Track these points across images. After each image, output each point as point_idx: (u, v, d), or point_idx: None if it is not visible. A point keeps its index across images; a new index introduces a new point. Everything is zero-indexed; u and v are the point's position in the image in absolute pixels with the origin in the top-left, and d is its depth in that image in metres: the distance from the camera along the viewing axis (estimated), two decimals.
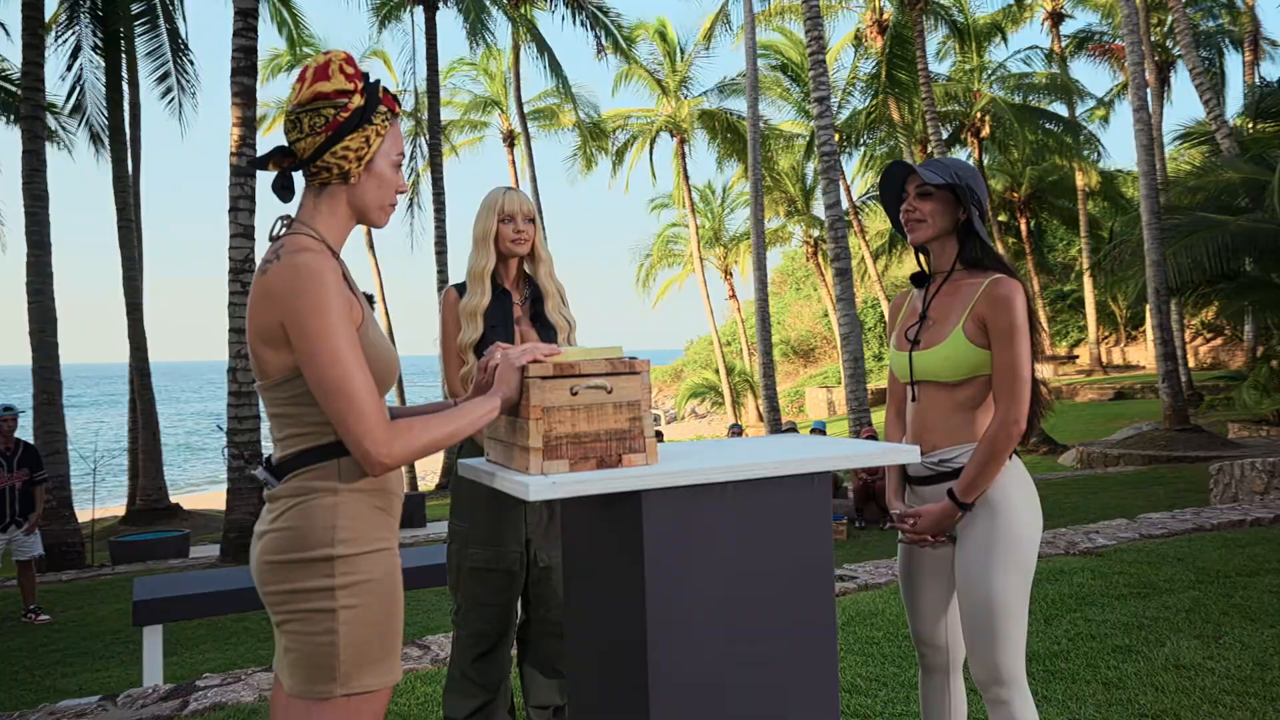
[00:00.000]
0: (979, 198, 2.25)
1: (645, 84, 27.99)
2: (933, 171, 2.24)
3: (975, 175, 2.27)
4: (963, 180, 2.23)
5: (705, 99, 27.88)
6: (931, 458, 2.31)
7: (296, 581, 1.64)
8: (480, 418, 1.79)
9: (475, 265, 3.02)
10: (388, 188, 1.80)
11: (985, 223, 2.31)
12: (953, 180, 2.21)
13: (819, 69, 14.93)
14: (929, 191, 2.26)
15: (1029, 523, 2.24)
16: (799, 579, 1.98)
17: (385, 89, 1.80)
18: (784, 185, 30.23)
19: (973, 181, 2.25)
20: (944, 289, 2.32)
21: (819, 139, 15.08)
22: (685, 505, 1.87)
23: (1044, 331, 2.63)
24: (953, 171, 2.24)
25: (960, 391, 2.26)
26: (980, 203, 2.26)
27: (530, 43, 20.73)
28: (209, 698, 3.87)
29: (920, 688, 2.55)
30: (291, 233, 1.73)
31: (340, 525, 1.65)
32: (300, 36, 19.69)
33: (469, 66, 25.94)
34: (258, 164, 1.76)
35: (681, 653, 1.87)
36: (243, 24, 9.24)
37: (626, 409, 1.90)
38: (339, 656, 1.63)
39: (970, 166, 2.28)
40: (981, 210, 2.27)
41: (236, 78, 9.22)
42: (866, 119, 24.67)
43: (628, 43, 24.46)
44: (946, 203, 2.27)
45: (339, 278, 1.67)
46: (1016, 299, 2.17)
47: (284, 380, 1.67)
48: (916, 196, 2.28)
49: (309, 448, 1.68)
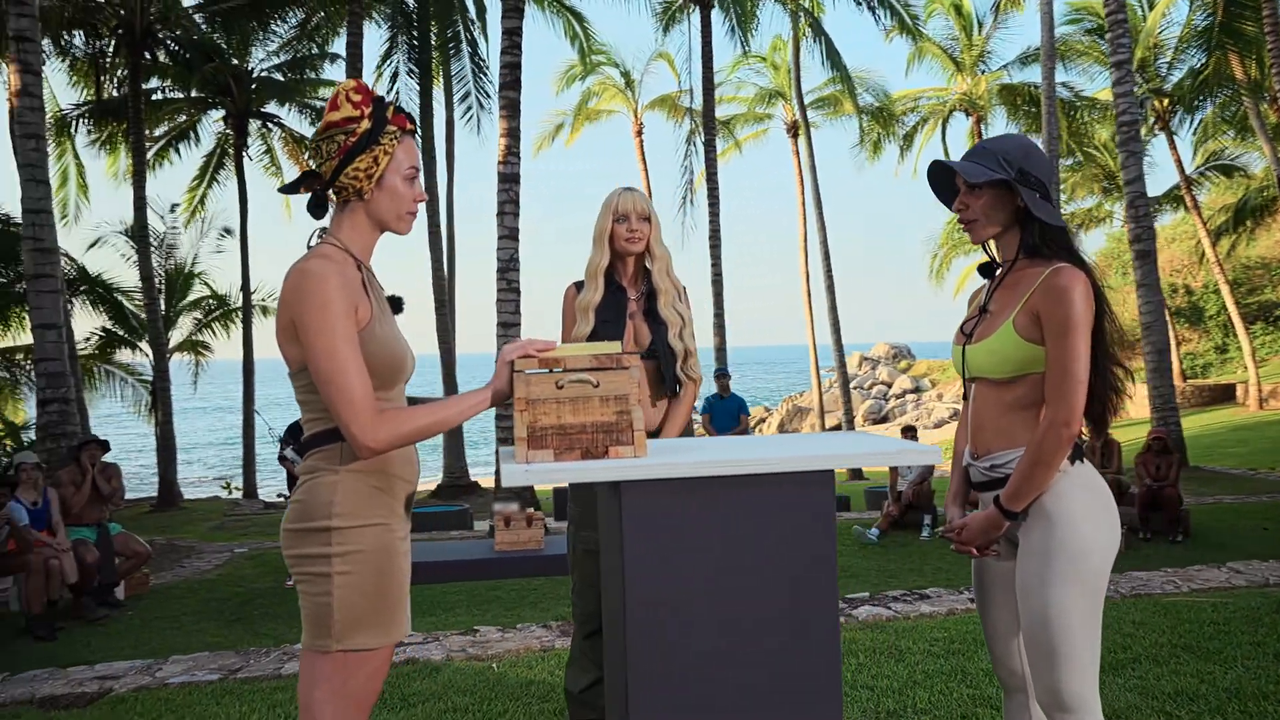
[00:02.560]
0: (1034, 178, 2.04)
1: (939, 62, 26.66)
2: (976, 164, 2.06)
3: (1028, 153, 2.05)
4: (1012, 167, 2.03)
5: (1005, 72, 26.03)
6: (984, 462, 2.14)
7: (302, 548, 1.88)
8: (469, 408, 1.94)
9: (591, 263, 3.17)
10: (401, 200, 1.99)
11: (1051, 201, 2.08)
12: (998, 170, 2.02)
13: (1118, 29, 13.51)
14: (979, 186, 2.08)
15: (1092, 535, 2.01)
16: (798, 578, 1.93)
17: (398, 109, 2.00)
18: (1101, 160, 27.46)
19: (1025, 163, 2.03)
20: (1007, 280, 2.13)
21: (1117, 107, 13.67)
22: (670, 499, 1.90)
23: (1115, 323, 2.23)
24: (999, 159, 2.04)
25: (1011, 390, 2.06)
26: (1038, 182, 2.04)
27: (809, 32, 20.53)
28: (406, 652, 4.36)
29: (1004, 710, 2.36)
30: (320, 243, 1.98)
31: (337, 501, 1.87)
32: (590, 47, 20.94)
33: (756, 60, 26.14)
34: (290, 188, 2.02)
35: (662, 645, 1.89)
36: (509, 42, 10.08)
37: (614, 403, 1.96)
38: (334, 616, 1.85)
39: (1022, 143, 2.07)
40: (1043, 190, 2.05)
41: (504, 92, 10.08)
42: (1196, 79, 21.77)
43: (915, 20, 23.48)
44: (999, 194, 2.07)
45: (347, 281, 1.88)
46: (1075, 290, 1.94)
47: (299, 370, 1.91)
48: (967, 192, 2.10)
49: (319, 431, 1.91)
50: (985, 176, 2.01)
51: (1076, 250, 2.04)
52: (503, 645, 4.39)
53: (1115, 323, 2.05)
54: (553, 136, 25.98)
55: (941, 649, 3.93)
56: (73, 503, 7.15)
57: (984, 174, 2.02)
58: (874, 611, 4.65)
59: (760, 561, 1.92)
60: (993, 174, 2.01)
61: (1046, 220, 2.01)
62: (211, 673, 4.21)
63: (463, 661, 4.17)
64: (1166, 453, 9.63)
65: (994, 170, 2.01)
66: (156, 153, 19.64)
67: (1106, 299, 2.02)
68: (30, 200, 9.21)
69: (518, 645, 4.37)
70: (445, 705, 3.59)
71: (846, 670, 3.74)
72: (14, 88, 9.32)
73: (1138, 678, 3.50)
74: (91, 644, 6.24)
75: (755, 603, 1.91)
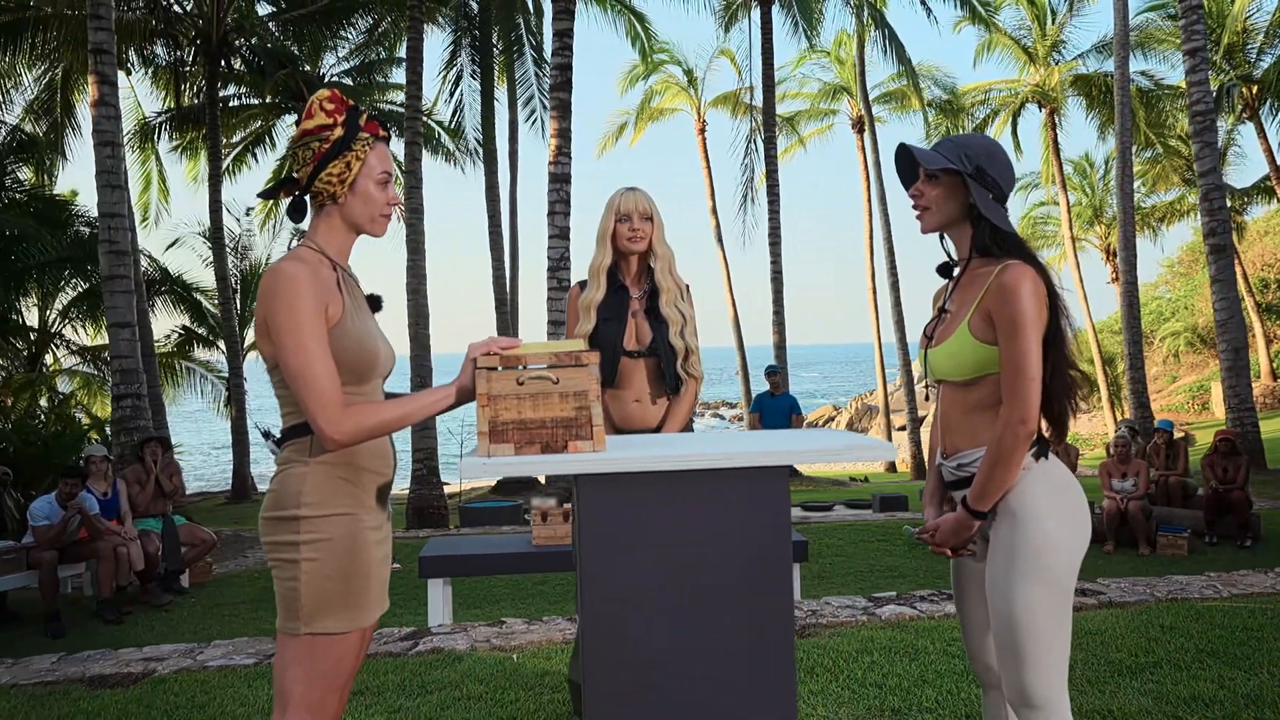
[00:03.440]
0: (990, 178, 2.03)
1: (1011, 53, 26.03)
2: (937, 152, 2.06)
3: (991, 155, 2.05)
4: (971, 162, 2.03)
5: (1079, 62, 25.28)
6: (952, 461, 2.14)
7: (274, 535, 1.98)
8: (433, 404, 2.02)
9: (593, 262, 3.23)
10: (374, 203, 2.08)
11: (1006, 206, 2.07)
12: (956, 162, 2.02)
13: (1192, 15, 13.04)
14: (936, 175, 2.08)
15: (1057, 531, 2.00)
16: (750, 569, 1.97)
17: (371, 116, 2.09)
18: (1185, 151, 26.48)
19: (984, 162, 2.03)
20: (963, 280, 2.13)
21: (1190, 97, 13.21)
22: (625, 492, 1.95)
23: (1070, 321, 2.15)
24: (961, 152, 2.04)
25: (973, 392, 2.07)
26: (994, 184, 2.04)
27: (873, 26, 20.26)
28: (433, 642, 4.49)
29: (983, 706, 2.36)
30: (299, 245, 2.08)
31: (305, 491, 1.96)
32: (651, 47, 21.02)
33: (820, 55, 25.89)
34: (270, 193, 2.13)
35: (617, 636, 1.94)
36: (560, 44, 10.21)
37: (573, 399, 2.01)
38: (301, 601, 1.95)
39: (987, 144, 2.06)
40: (998, 192, 2.05)
41: (555, 93, 10.21)
42: None
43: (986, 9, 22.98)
44: (954, 187, 2.07)
45: (319, 281, 1.97)
46: (1023, 287, 1.94)
47: (274, 367, 2.01)
48: (924, 180, 2.11)
49: (293, 425, 2.01)
50: (940, 164, 2.02)
51: (1028, 249, 2.03)
52: (526, 637, 4.48)
53: (1070, 321, 2.03)
54: (616, 136, 26.11)
55: (958, 649, 3.89)
56: (137, 501, 7.54)
57: (940, 161, 2.02)
58: (898, 611, 4.62)
59: (715, 554, 1.95)
60: (948, 163, 2.01)
61: (995, 222, 2.01)
62: (248, 657, 4.40)
63: (485, 652, 4.27)
64: (1235, 454, 9.29)
65: (950, 161, 2.02)
66: (234, 158, 20.36)
67: (1061, 297, 2.01)
68: (106, 205, 9.67)
69: (540, 637, 4.46)
70: (461, 693, 3.70)
71: (857, 668, 3.73)
72: (92, 98, 9.80)
73: (1155, 682, 3.42)
74: (155, 628, 6.56)
75: (710, 594, 1.95)
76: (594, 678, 1.95)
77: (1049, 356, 2.00)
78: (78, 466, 7.28)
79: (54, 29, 13.97)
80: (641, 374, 3.14)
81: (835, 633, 4.30)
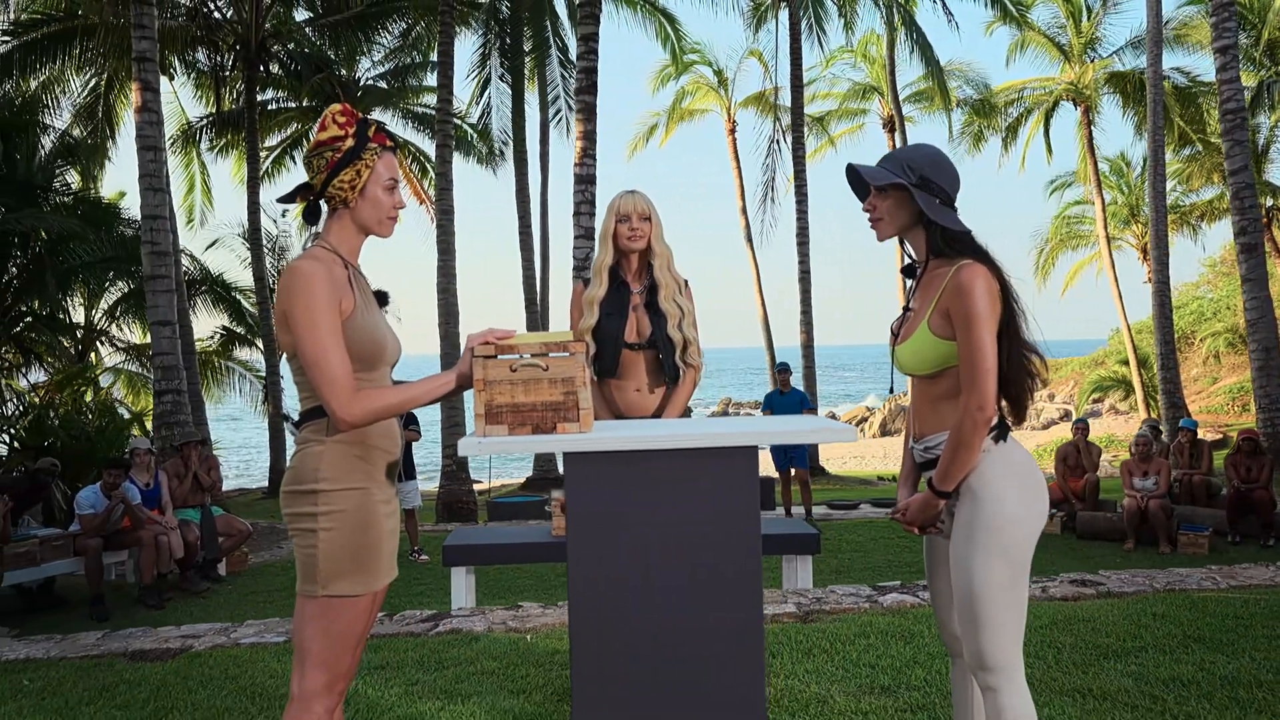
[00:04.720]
0: (936, 185, 2.20)
1: (1044, 51, 25.85)
2: (881, 169, 2.24)
3: (935, 163, 2.22)
4: (915, 173, 2.20)
5: (1115, 59, 25.05)
6: (921, 444, 2.31)
7: (294, 507, 2.19)
8: (435, 389, 2.22)
9: (595, 260, 3.44)
10: (381, 207, 2.29)
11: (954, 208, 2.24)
12: (900, 175, 2.19)
13: (1223, 12, 12.97)
14: (885, 189, 2.26)
15: (1013, 510, 2.17)
16: (723, 545, 2.15)
17: (379, 128, 2.30)
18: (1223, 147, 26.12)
19: (927, 171, 2.20)
20: (924, 280, 2.30)
21: (1221, 94, 13.14)
22: (608, 471, 2.14)
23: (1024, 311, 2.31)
24: (903, 165, 2.22)
25: (936, 385, 2.24)
26: (940, 190, 2.20)
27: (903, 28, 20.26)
28: (452, 624, 4.71)
29: (950, 672, 2.52)
30: (313, 245, 2.30)
31: (323, 468, 2.17)
32: (681, 48, 21.18)
33: (849, 54, 25.90)
34: (287, 199, 2.34)
35: (602, 603, 2.14)
36: (585, 48, 10.42)
37: (561, 384, 2.21)
38: (319, 566, 2.16)
39: (930, 153, 2.23)
40: (945, 197, 2.21)
41: (580, 96, 10.42)
42: None
43: (1019, 8, 22.87)
44: (903, 198, 2.24)
45: (332, 277, 2.18)
46: (976, 285, 2.11)
47: (292, 355, 2.23)
48: (875, 194, 2.28)
49: (310, 408, 2.23)
50: (885, 180, 2.19)
51: (982, 248, 2.19)
52: (541, 620, 4.69)
53: (1024, 312, 2.19)
54: (646, 137, 26.28)
55: None
56: (175, 494, 7.88)
57: (885, 177, 2.19)
58: (900, 599, 4.76)
59: (691, 528, 2.14)
60: (893, 178, 2.18)
61: (945, 225, 2.17)
62: (279, 635, 4.65)
63: (501, 633, 4.48)
64: (1258, 453, 9.28)
65: (895, 175, 2.18)
66: (273, 160, 20.83)
67: (1014, 291, 2.17)
68: (148, 207, 10.04)
69: (554, 620, 4.67)
70: (475, 669, 3.91)
71: (853, 650, 3.89)
72: (136, 104, 10.17)
73: (1138, 664, 3.54)
74: (194, 613, 6.86)
75: (685, 566, 2.13)
76: (580, 640, 2.14)
77: (1003, 346, 2.16)
78: (122, 458, 7.62)
79: (99, 37, 14.44)
80: (642, 365, 3.34)
81: (837, 618, 4.46)
